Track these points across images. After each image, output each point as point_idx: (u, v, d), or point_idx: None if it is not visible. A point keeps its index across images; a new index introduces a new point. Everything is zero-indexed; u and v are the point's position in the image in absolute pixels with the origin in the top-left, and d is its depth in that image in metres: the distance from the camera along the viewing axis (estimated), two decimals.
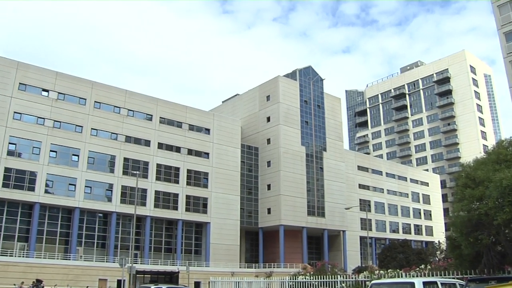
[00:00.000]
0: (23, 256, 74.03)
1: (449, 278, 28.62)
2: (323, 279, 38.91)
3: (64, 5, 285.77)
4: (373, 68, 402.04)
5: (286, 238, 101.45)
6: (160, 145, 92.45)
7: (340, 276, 38.95)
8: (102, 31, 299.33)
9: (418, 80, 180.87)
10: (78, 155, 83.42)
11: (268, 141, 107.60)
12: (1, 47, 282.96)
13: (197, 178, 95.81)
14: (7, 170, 76.10)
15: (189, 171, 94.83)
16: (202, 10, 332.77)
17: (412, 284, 21.79)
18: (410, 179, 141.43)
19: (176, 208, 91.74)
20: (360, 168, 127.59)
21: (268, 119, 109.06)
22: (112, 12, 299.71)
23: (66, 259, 77.67)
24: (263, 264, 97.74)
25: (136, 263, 76.18)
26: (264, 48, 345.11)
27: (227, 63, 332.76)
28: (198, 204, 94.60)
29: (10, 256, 71.96)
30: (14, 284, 60.18)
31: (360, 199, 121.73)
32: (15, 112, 78.63)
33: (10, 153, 77.24)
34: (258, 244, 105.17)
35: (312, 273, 50.67)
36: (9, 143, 77.29)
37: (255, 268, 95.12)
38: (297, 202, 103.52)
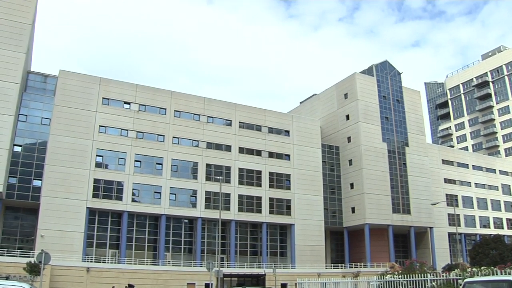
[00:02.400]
0: (114, 263, 77.15)
1: None
2: (412, 278, 37.73)
3: (139, 22, 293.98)
4: (446, 60, 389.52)
5: (372, 237, 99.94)
6: (241, 150, 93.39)
7: (430, 275, 37.58)
8: (177, 45, 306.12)
9: (501, 66, 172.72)
10: (161, 164, 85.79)
11: (349, 139, 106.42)
12: (84, 65, 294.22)
13: (279, 180, 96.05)
14: (96, 181, 79.71)
15: (271, 173, 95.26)
16: (268, 16, 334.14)
17: (509, 282, 20.74)
18: (500, 170, 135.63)
19: (259, 211, 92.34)
20: (444, 162, 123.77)
21: (347, 117, 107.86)
22: (185, 26, 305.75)
23: (155, 265, 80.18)
24: (350, 264, 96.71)
25: (223, 267, 77.48)
26: (333, 48, 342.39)
27: (299, 66, 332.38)
28: (281, 206, 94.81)
29: (103, 262, 75.38)
30: None
31: (446, 194, 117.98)
32: (100, 126, 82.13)
33: (98, 165, 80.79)
34: (344, 244, 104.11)
35: (400, 272, 49.55)
36: (97, 155, 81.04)
37: (341, 268, 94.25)
38: (382, 200, 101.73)
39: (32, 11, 79.89)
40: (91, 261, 74.18)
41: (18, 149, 77.30)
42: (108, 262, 76.56)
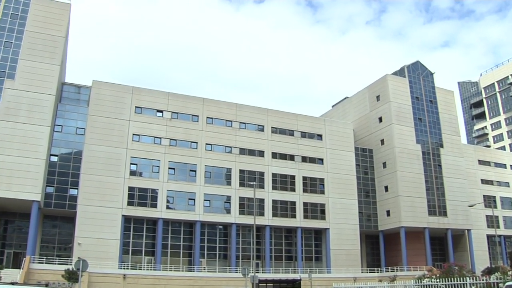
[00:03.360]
0: (150, 269, 77.90)
1: None
2: (451, 281, 36.99)
3: (168, 31, 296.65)
4: (477, 59, 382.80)
5: (408, 240, 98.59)
6: (274, 155, 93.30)
7: (469, 278, 36.82)
8: (206, 52, 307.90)
9: None
10: (195, 171, 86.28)
11: (382, 141, 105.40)
12: (116, 75, 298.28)
13: (313, 185, 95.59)
14: (130, 189, 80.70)
15: (304, 178, 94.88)
16: (295, 22, 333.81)
17: None
18: None
19: (294, 216, 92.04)
20: (481, 162, 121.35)
21: (380, 119, 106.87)
22: (214, 34, 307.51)
23: (191, 271, 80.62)
24: (386, 268, 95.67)
25: (258, 272, 77.46)
26: (362, 51, 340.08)
27: (328, 69, 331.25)
28: (315, 211, 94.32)
29: (139, 269, 76.25)
30: None
31: (484, 195, 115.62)
32: (133, 134, 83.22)
33: (132, 173, 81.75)
34: (379, 247, 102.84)
35: (438, 275, 48.76)
36: (131, 163, 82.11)
37: (377, 272, 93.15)
38: (417, 202, 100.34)
39: (65, 24, 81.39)
40: (128, 268, 75.03)
41: (54, 159, 78.82)
42: (144, 269, 77.36)
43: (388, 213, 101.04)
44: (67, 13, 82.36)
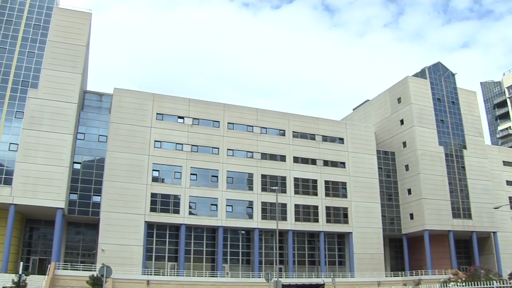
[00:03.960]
0: (174, 275, 78.20)
1: None
2: (478, 285, 36.50)
3: (187, 38, 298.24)
4: (498, 59, 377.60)
5: (432, 243, 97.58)
6: (296, 159, 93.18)
7: (496, 282, 36.32)
8: (226, 58, 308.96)
9: None
10: (217, 176, 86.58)
11: (404, 144, 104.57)
12: (137, 82, 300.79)
13: (335, 189, 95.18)
14: (153, 195, 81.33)
15: (326, 182, 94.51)
16: (313, 27, 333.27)
17: None
18: None
19: (317, 220, 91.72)
20: (506, 163, 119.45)
21: (402, 121, 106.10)
22: (232, 40, 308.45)
23: (214, 276, 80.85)
24: (410, 271, 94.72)
25: (281, 277, 77.11)
26: (380, 54, 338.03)
27: (348, 73, 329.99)
28: (338, 215, 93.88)
29: (162, 275, 76.67)
30: None
31: (509, 197, 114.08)
32: (155, 141, 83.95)
33: (154, 179, 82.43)
34: (403, 251, 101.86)
35: (464, 279, 48.23)
36: (153, 170, 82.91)
37: (401, 276, 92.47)
38: (441, 205, 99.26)
39: (86, 33, 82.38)
40: (151, 274, 75.55)
41: (77, 166, 79.79)
42: (167, 275, 77.62)
43: (411, 216, 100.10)
44: (88, 22, 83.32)
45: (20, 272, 62.16)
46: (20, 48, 77.98)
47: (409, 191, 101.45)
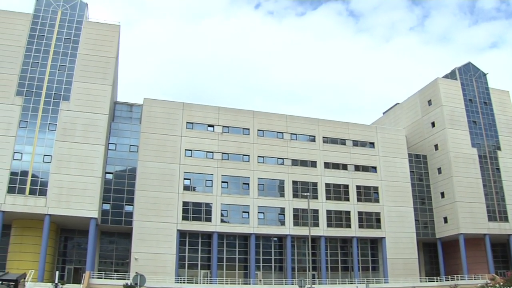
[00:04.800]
0: (207, 283, 78.79)
1: None
2: None
3: (214, 47, 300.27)
4: None
5: (467, 247, 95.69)
6: (327, 165, 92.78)
7: None
8: (253, 67, 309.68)
9: None
10: (248, 183, 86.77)
11: (436, 147, 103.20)
12: (166, 92, 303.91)
13: (367, 194, 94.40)
14: (185, 204, 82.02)
15: (358, 187, 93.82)
16: (338, 32, 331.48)
17: None
18: None
19: (349, 226, 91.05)
20: None
21: (433, 124, 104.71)
22: (259, 47, 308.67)
23: (247, 284, 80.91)
24: (445, 276, 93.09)
25: (315, 284, 76.84)
26: (407, 57, 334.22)
27: (375, 77, 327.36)
28: (371, 220, 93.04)
29: (195, 283, 77.43)
30: None
31: None
32: (186, 150, 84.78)
33: (186, 187, 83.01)
34: (438, 255, 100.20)
35: (502, 283, 47.35)
36: (184, 178, 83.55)
37: (437, 281, 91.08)
38: (475, 208, 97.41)
39: (115, 45, 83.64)
40: (184, 282, 76.01)
41: (109, 176, 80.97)
42: (200, 283, 78.12)
43: (445, 220, 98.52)
44: (116, 34, 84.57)
45: (56, 281, 63.32)
46: (52, 62, 79.65)
47: (443, 195, 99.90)
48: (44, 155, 74.30)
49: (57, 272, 70.86)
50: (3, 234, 71.94)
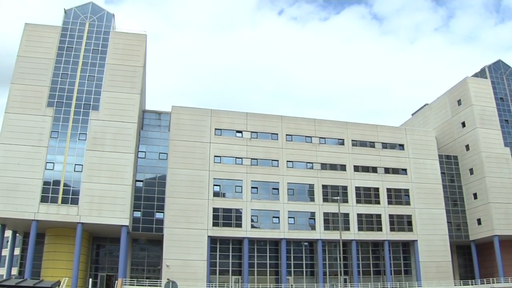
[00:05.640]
0: None
1: None
2: None
3: (240, 53, 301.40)
4: None
5: (503, 249, 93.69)
6: (356, 168, 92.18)
7: None
8: (278, 72, 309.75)
9: None
10: (277, 188, 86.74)
11: (467, 147, 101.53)
12: (193, 99, 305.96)
13: (398, 196, 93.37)
14: (215, 210, 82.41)
15: (388, 189, 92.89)
16: (362, 36, 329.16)
17: None
18: None
19: (380, 229, 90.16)
20: None
21: (463, 124, 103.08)
22: (284, 52, 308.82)
23: None
24: (480, 279, 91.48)
25: None
26: (434, 58, 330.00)
27: (402, 79, 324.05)
28: (402, 223, 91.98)
29: None
30: None
31: None
32: (215, 156, 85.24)
33: (215, 194, 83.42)
34: (472, 258, 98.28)
35: None
36: (214, 185, 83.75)
37: (471, 285, 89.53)
38: (510, 209, 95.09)
39: (142, 55, 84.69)
40: None
41: (140, 184, 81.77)
42: None
43: (479, 221, 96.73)
44: (143, 44, 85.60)
45: None
46: (81, 73, 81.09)
47: (475, 196, 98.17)
48: (75, 164, 75.56)
49: (90, 280, 71.91)
50: (37, 242, 73.57)
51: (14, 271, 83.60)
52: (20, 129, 75.01)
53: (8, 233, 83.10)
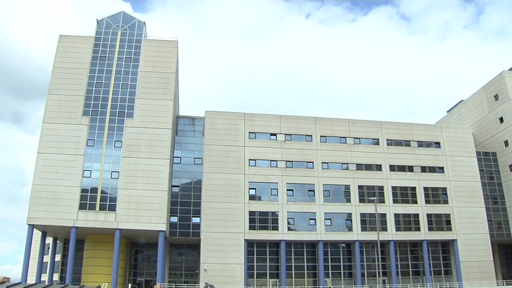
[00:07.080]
0: None
1: None
2: None
3: (270, 58, 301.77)
4: None
5: None
6: (392, 167, 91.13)
7: None
8: (310, 75, 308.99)
9: None
10: (313, 190, 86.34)
11: (506, 143, 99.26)
12: (226, 103, 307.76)
13: (435, 195, 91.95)
14: (251, 213, 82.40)
15: (425, 188, 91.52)
16: (391, 36, 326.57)
17: None
18: None
19: (418, 229, 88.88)
20: None
21: (501, 119, 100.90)
22: (314, 56, 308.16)
23: None
24: None
25: None
26: (465, 55, 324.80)
27: (434, 77, 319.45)
28: (440, 222, 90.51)
29: None
30: None
31: None
32: (249, 159, 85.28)
33: (251, 197, 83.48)
34: None
35: None
36: (249, 188, 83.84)
37: None
38: None
39: (174, 61, 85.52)
40: None
41: (176, 189, 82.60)
42: None
43: None
44: (175, 50, 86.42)
45: None
46: (114, 81, 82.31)
47: None
48: (112, 171, 76.70)
49: (129, 285, 72.78)
50: (77, 249, 74.94)
51: (56, 277, 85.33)
52: (57, 138, 76.65)
53: (49, 240, 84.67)
